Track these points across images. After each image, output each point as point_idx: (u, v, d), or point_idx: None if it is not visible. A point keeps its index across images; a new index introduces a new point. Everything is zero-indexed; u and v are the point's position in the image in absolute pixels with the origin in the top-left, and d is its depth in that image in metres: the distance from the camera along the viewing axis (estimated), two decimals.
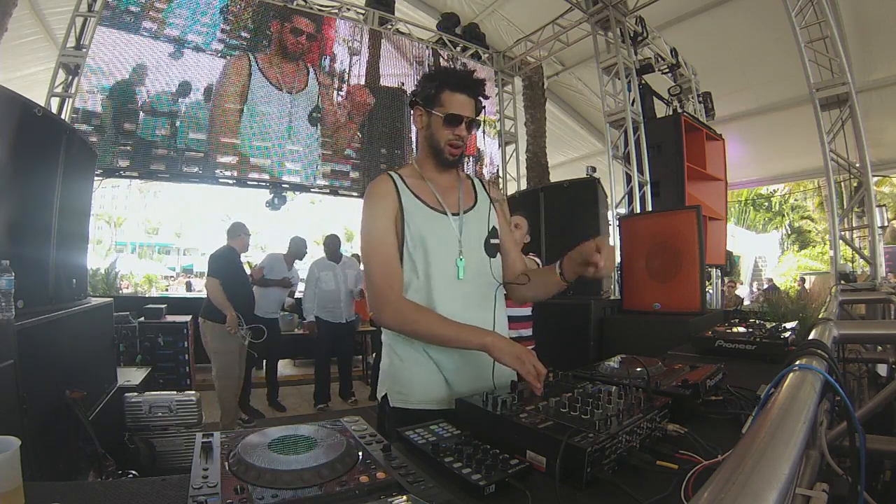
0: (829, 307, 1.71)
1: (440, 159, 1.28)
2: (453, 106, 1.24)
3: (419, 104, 1.28)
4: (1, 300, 1.41)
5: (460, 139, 1.26)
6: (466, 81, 1.26)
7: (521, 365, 1.03)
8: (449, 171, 1.33)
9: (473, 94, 1.26)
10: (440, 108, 1.24)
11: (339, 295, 4.55)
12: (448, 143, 1.26)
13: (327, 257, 4.67)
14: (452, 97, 1.24)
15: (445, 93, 1.24)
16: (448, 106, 1.24)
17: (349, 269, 4.66)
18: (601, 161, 6.54)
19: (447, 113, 1.23)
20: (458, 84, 1.25)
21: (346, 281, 4.59)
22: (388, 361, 1.32)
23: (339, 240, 4.84)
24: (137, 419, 2.29)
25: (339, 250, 4.73)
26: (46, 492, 0.66)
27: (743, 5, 6.21)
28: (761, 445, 0.42)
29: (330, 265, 4.60)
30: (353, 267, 4.72)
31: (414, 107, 1.30)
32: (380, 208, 1.24)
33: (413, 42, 6.99)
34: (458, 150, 1.28)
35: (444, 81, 1.25)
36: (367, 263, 1.23)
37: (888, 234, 10.16)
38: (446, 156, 1.27)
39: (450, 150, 1.27)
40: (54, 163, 1.90)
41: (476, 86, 1.27)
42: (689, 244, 3.05)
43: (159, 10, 5.16)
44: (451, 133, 1.25)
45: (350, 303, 4.68)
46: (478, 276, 1.28)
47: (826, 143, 4.44)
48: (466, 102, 1.25)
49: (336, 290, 4.55)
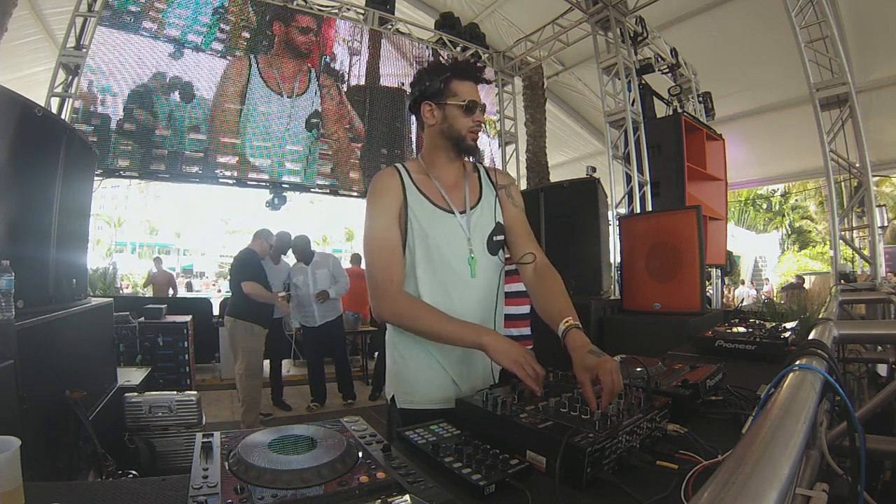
0: (829, 307, 1.71)
1: (462, 147, 1.28)
2: (468, 93, 1.24)
3: (427, 100, 1.27)
4: (1, 300, 1.41)
5: (479, 124, 1.27)
6: (472, 68, 1.28)
7: (518, 368, 1.01)
8: (456, 165, 1.33)
9: (478, 81, 1.28)
10: (454, 97, 1.24)
11: (310, 299, 4.38)
12: (469, 130, 1.26)
13: (297, 259, 4.51)
14: (463, 85, 1.25)
15: (454, 82, 1.25)
16: (463, 94, 1.24)
17: (319, 269, 4.45)
18: (601, 161, 6.54)
19: (468, 100, 1.24)
20: (466, 72, 1.26)
21: (315, 283, 4.39)
22: (391, 361, 1.32)
23: (307, 239, 4.58)
24: (137, 419, 2.29)
25: (307, 250, 4.50)
26: (46, 492, 0.66)
27: (743, 5, 6.20)
28: (761, 445, 0.42)
29: (302, 268, 4.45)
30: (325, 264, 4.51)
31: (421, 105, 1.28)
32: (384, 201, 1.23)
33: (413, 42, 6.99)
34: (477, 136, 1.29)
35: (453, 71, 1.26)
36: (368, 255, 1.22)
37: (888, 233, 10.17)
38: (469, 143, 1.27)
39: (472, 137, 1.27)
40: (54, 163, 1.90)
41: (480, 72, 1.30)
42: (689, 244, 3.05)
43: (159, 10, 5.16)
44: (470, 120, 1.25)
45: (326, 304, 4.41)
46: (484, 273, 1.28)
47: (826, 143, 4.44)
48: (475, 89, 1.27)
49: (307, 295, 4.39)
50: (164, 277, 8.10)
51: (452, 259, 1.24)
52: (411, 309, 1.16)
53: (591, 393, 0.89)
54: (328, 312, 4.49)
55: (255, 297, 3.82)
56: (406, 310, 1.16)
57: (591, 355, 0.98)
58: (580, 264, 3.38)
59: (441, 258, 1.23)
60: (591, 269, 3.42)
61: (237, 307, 3.89)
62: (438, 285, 1.23)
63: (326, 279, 4.44)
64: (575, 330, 1.08)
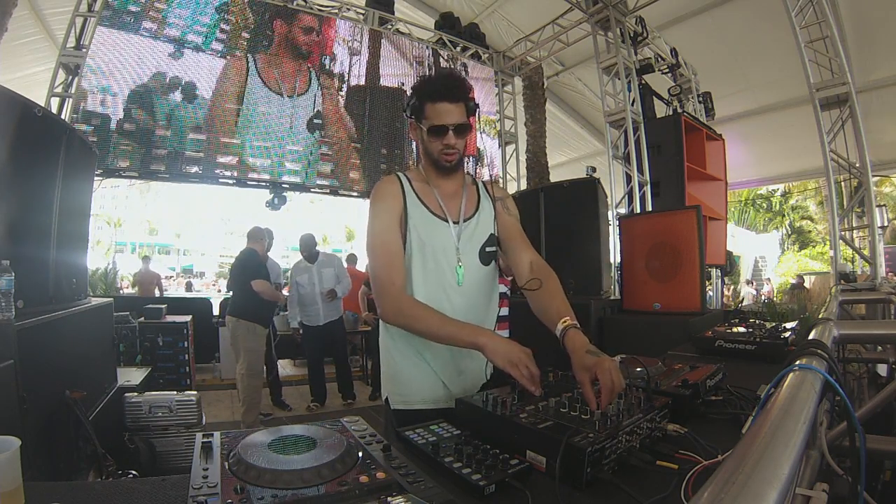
0: (829, 307, 1.71)
1: (439, 168, 1.29)
2: (437, 116, 1.22)
3: (410, 118, 1.28)
4: (1, 300, 1.41)
5: (451, 147, 1.24)
6: (444, 89, 1.22)
7: (513, 368, 1.00)
8: (453, 177, 1.34)
9: (456, 99, 1.22)
10: (426, 120, 1.23)
11: (314, 297, 4.41)
12: (440, 153, 1.25)
13: (303, 258, 4.53)
14: (434, 108, 1.22)
15: (427, 104, 1.22)
16: (432, 117, 1.22)
17: (325, 268, 4.48)
18: (601, 161, 6.54)
19: (430, 125, 1.22)
20: (436, 93, 1.22)
21: (321, 282, 4.42)
22: (385, 364, 1.35)
23: (313, 238, 4.62)
24: (137, 419, 2.29)
25: (314, 249, 4.53)
26: (46, 492, 0.66)
27: (743, 5, 6.21)
28: (761, 445, 0.42)
29: (307, 267, 4.46)
30: (330, 264, 4.55)
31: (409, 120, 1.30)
32: (386, 206, 1.25)
33: (413, 42, 6.99)
34: (452, 157, 1.26)
35: (423, 94, 1.23)
36: (371, 257, 1.25)
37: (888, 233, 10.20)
38: (443, 164, 1.27)
39: (444, 159, 1.26)
40: (54, 163, 1.89)
41: (455, 89, 1.23)
42: (689, 244, 3.05)
43: (159, 10, 5.16)
44: (440, 143, 1.24)
45: (328, 304, 4.45)
46: (475, 283, 1.30)
47: (826, 143, 4.44)
48: (450, 109, 1.22)
49: (311, 293, 4.41)
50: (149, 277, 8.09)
51: (444, 266, 1.27)
52: (412, 310, 1.18)
53: (591, 393, 0.89)
54: (331, 312, 4.52)
55: (264, 294, 3.85)
56: (407, 310, 1.18)
57: (590, 355, 0.97)
58: (580, 264, 3.38)
59: (435, 264, 1.26)
60: (591, 270, 3.41)
61: (239, 307, 3.89)
62: (431, 290, 1.26)
63: (331, 279, 4.47)
64: (573, 330, 1.08)
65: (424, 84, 1.26)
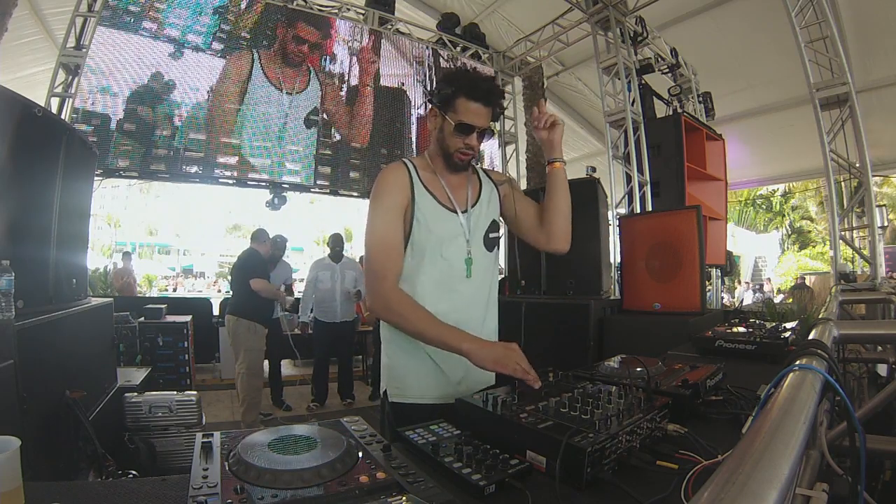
0: (829, 307, 1.71)
1: (449, 163, 1.27)
2: (467, 114, 1.20)
3: (435, 104, 1.25)
4: (1, 300, 1.41)
5: (470, 148, 1.23)
6: (484, 91, 1.21)
7: (502, 368, 1.00)
8: (460, 172, 1.33)
9: (489, 103, 1.21)
10: (453, 114, 1.21)
11: (334, 294, 4.56)
12: (458, 150, 1.23)
13: (329, 256, 4.70)
14: (467, 105, 1.20)
15: (461, 99, 1.20)
16: (461, 113, 1.20)
17: (348, 270, 4.66)
18: (601, 161, 6.54)
19: (458, 121, 1.20)
20: (475, 92, 1.20)
21: (343, 281, 4.59)
22: (385, 356, 1.33)
23: (342, 239, 4.86)
24: (137, 419, 2.29)
25: (341, 250, 4.76)
26: (46, 492, 0.66)
27: (743, 5, 6.20)
28: (761, 445, 0.42)
29: (329, 265, 4.62)
30: (353, 268, 4.72)
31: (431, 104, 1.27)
32: (390, 197, 1.22)
33: (413, 42, 6.99)
34: (468, 157, 1.25)
35: (461, 88, 1.20)
36: (367, 250, 1.22)
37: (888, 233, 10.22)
38: (455, 161, 1.26)
39: (459, 157, 1.25)
40: (54, 163, 1.89)
41: (493, 95, 1.22)
42: (689, 244, 3.05)
43: (159, 10, 5.16)
44: (461, 142, 1.22)
45: (347, 303, 4.66)
46: (480, 269, 1.30)
47: (826, 143, 4.44)
48: (481, 111, 1.20)
49: (332, 290, 4.56)
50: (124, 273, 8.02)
51: (452, 258, 1.25)
52: (400, 308, 1.16)
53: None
54: (348, 312, 4.69)
55: (263, 292, 3.88)
56: (396, 308, 1.17)
57: None
58: (580, 264, 3.37)
59: (443, 256, 1.25)
60: (591, 269, 3.41)
61: (239, 306, 3.90)
62: (438, 282, 1.24)
63: (352, 282, 4.62)
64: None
65: (464, 77, 1.22)
